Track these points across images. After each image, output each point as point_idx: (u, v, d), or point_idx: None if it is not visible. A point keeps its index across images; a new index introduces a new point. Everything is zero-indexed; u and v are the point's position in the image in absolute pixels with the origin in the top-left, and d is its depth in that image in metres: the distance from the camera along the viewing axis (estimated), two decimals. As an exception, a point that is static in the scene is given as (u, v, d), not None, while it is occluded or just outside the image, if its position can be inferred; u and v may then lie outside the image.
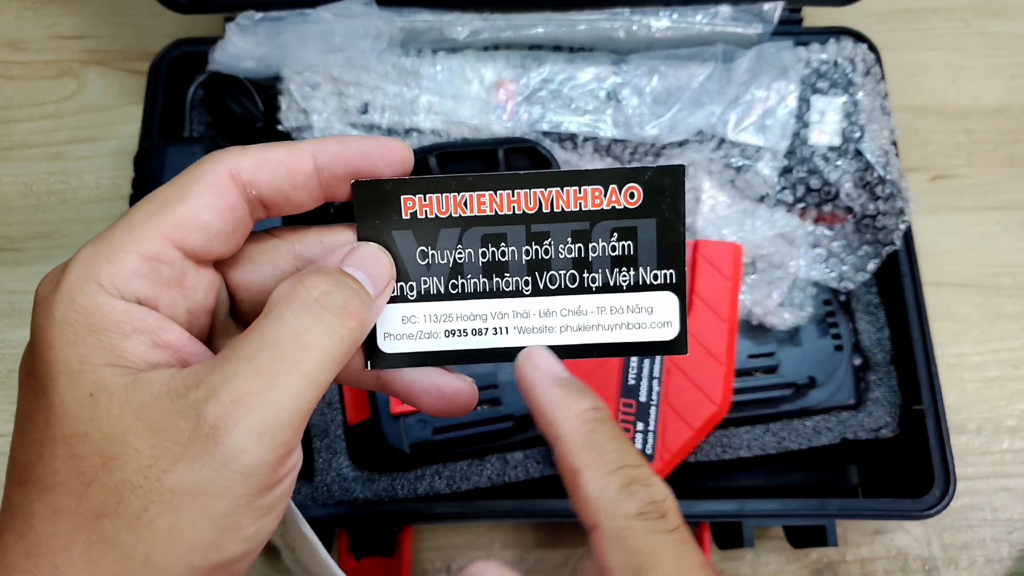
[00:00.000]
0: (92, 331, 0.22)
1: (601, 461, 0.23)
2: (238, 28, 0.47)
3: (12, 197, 0.54)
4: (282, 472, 0.22)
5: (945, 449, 0.43)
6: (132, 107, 0.56)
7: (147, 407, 0.21)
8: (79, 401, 0.21)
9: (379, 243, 0.26)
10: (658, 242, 0.26)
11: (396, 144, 0.25)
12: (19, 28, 0.58)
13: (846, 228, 0.48)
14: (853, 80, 0.48)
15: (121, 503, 0.20)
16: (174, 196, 0.23)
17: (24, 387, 0.23)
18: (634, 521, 0.22)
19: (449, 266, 0.26)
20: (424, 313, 0.26)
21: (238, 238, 0.25)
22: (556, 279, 0.26)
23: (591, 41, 0.49)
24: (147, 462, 0.21)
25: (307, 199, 0.25)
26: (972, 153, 0.56)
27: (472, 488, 0.43)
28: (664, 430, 0.40)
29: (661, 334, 0.26)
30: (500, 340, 0.26)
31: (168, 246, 0.23)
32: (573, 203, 0.25)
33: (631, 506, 0.22)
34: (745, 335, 0.46)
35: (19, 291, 0.52)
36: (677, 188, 0.25)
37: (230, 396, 0.21)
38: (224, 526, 0.21)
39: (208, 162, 0.24)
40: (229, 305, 0.26)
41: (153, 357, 0.22)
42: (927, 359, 0.45)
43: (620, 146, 0.47)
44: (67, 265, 0.22)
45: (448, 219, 0.25)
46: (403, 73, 0.48)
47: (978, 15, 0.59)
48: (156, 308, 0.23)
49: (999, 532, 0.47)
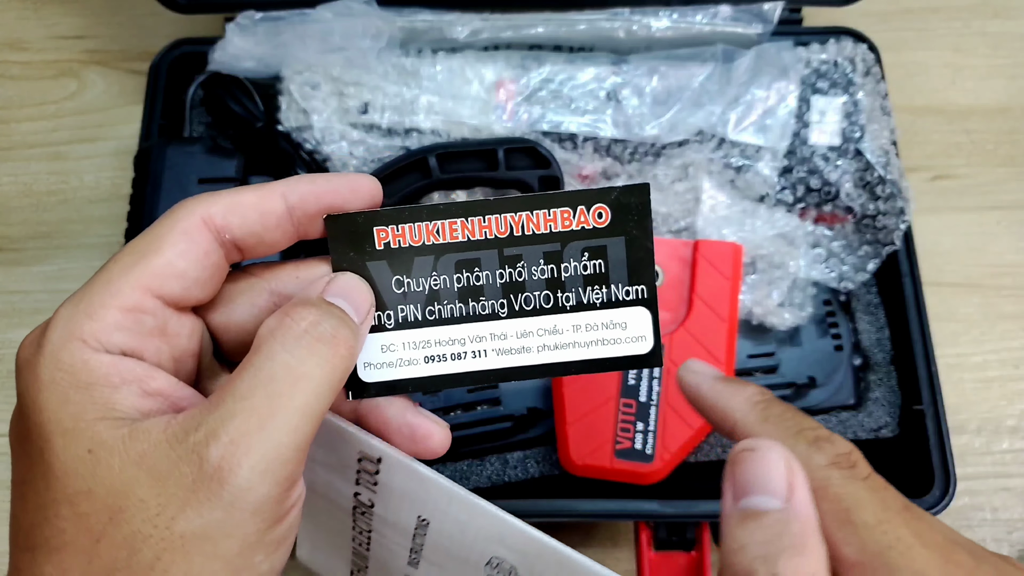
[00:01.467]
0: (81, 388, 0.22)
1: (781, 429, 0.24)
2: (238, 28, 0.47)
3: (12, 197, 0.54)
4: (288, 504, 0.22)
5: (945, 449, 0.43)
6: (132, 107, 0.56)
7: (147, 456, 0.21)
8: (78, 459, 0.21)
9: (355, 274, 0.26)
10: (628, 259, 0.26)
11: (364, 179, 0.26)
12: (19, 28, 0.58)
13: (846, 228, 0.48)
14: (853, 80, 0.48)
15: (133, 555, 0.20)
16: (148, 247, 0.23)
17: (17, 452, 0.23)
18: (830, 470, 0.22)
19: (425, 293, 0.26)
20: (403, 341, 0.26)
21: (215, 282, 0.25)
22: (531, 300, 0.26)
23: (591, 41, 0.49)
24: (155, 511, 0.20)
25: (280, 239, 0.25)
26: (972, 153, 0.56)
27: (472, 488, 0.43)
28: (664, 430, 0.40)
29: (636, 348, 0.27)
30: (479, 363, 0.26)
31: (147, 296, 0.23)
32: (543, 225, 0.26)
33: (822, 458, 0.22)
34: (745, 335, 0.46)
35: (19, 291, 0.52)
36: (644, 206, 0.26)
37: (230, 436, 0.21)
38: (238, 565, 0.21)
39: (180, 210, 0.24)
40: (213, 347, 0.26)
41: (145, 406, 0.22)
42: (927, 359, 0.45)
43: (620, 146, 0.47)
44: (47, 325, 0.22)
45: (421, 247, 0.26)
46: (403, 73, 0.48)
47: (978, 15, 0.59)
48: (142, 358, 0.23)
49: (999, 532, 0.47)
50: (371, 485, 0.26)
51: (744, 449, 0.22)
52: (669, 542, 0.42)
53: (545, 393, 0.45)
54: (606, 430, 0.41)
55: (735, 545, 0.21)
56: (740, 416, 0.25)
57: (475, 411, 0.44)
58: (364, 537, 0.29)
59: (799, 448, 0.23)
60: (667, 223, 0.47)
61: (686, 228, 0.47)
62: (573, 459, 0.41)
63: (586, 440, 0.41)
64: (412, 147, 0.47)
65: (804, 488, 0.21)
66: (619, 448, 0.40)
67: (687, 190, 0.47)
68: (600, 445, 0.40)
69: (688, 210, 0.46)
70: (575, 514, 0.42)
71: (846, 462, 0.22)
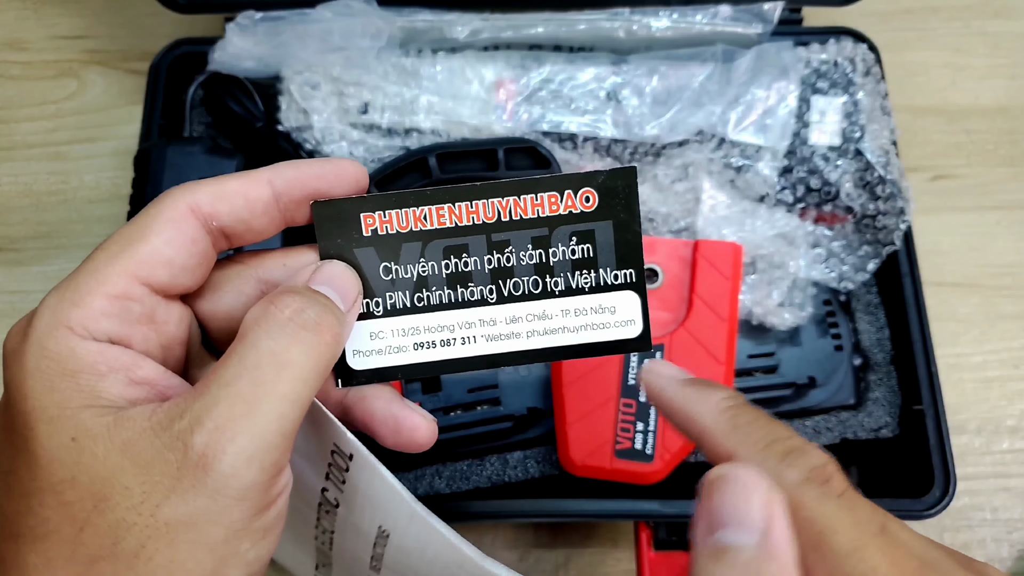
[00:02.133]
0: (67, 375, 0.22)
1: (750, 440, 0.22)
2: (238, 28, 0.47)
3: (12, 197, 0.54)
4: (274, 492, 0.22)
5: (945, 449, 0.43)
6: (132, 107, 0.56)
7: (132, 444, 0.21)
8: (62, 447, 0.21)
9: (342, 261, 0.26)
10: (616, 243, 0.26)
11: (350, 164, 0.26)
12: (19, 28, 0.58)
13: (846, 228, 0.48)
14: (853, 80, 0.48)
15: (117, 543, 0.20)
16: (135, 235, 0.23)
17: (2, 442, 0.22)
18: (803, 488, 0.21)
19: (413, 280, 0.26)
20: (392, 328, 0.26)
21: (203, 270, 0.25)
22: (520, 285, 0.26)
23: (591, 41, 0.49)
24: (139, 499, 0.20)
25: (267, 226, 0.25)
26: (972, 153, 0.56)
27: (472, 488, 0.43)
28: (664, 430, 0.40)
29: (625, 332, 0.26)
30: (469, 349, 0.26)
31: (134, 284, 0.23)
32: (531, 210, 0.26)
33: (794, 475, 0.21)
34: (745, 335, 0.46)
35: (19, 291, 0.52)
36: (630, 189, 0.26)
37: (214, 423, 0.21)
38: (224, 553, 0.21)
39: (167, 198, 0.24)
40: (201, 335, 0.26)
41: (131, 394, 0.22)
42: (927, 359, 0.45)
43: (620, 146, 0.47)
44: (34, 314, 0.22)
45: (409, 233, 0.26)
46: (403, 73, 0.48)
47: (978, 15, 0.59)
48: (129, 346, 0.23)
49: (999, 532, 0.47)
50: (339, 483, 0.26)
51: (719, 477, 0.21)
52: (669, 542, 0.42)
53: (545, 393, 0.45)
54: (606, 430, 0.41)
55: None
56: (709, 423, 0.23)
57: (475, 411, 0.44)
58: (327, 537, 0.29)
59: (769, 463, 0.21)
60: (667, 223, 0.47)
61: (686, 228, 0.47)
62: (573, 459, 0.41)
63: (586, 440, 0.41)
64: (412, 147, 0.47)
65: (783, 523, 0.20)
66: (619, 448, 0.40)
67: (687, 190, 0.47)
68: (600, 445, 0.40)
69: (688, 210, 0.46)
70: (575, 514, 0.42)
71: (820, 476, 0.21)
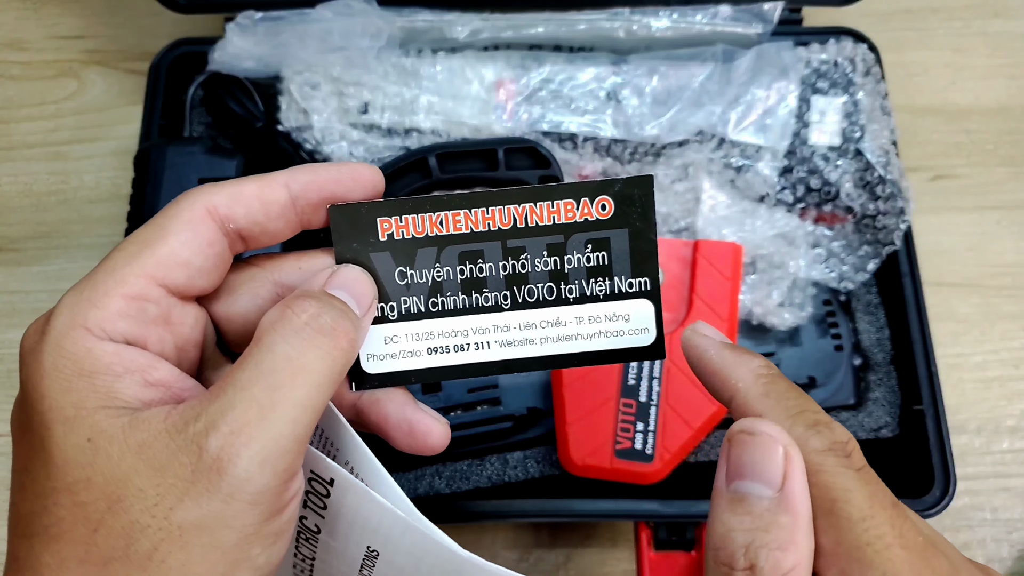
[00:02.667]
0: (84, 376, 0.22)
1: (781, 407, 0.23)
2: (238, 28, 0.47)
3: (12, 197, 0.54)
4: (287, 497, 0.22)
5: (945, 449, 0.43)
6: (132, 107, 0.56)
7: (147, 446, 0.21)
8: (78, 448, 0.21)
9: (358, 265, 0.26)
10: (631, 251, 0.26)
11: (367, 168, 0.26)
12: (19, 28, 0.58)
13: (846, 228, 0.48)
14: (853, 80, 0.48)
15: (130, 545, 0.20)
16: (153, 236, 0.23)
17: (18, 440, 0.23)
18: (824, 456, 0.22)
19: (428, 285, 0.26)
20: (406, 332, 0.26)
21: (219, 272, 0.25)
22: (534, 292, 0.26)
23: (591, 41, 0.49)
24: (153, 501, 0.20)
25: (284, 229, 0.25)
26: (972, 153, 0.56)
27: (472, 488, 0.43)
28: (664, 430, 0.40)
29: (639, 340, 0.27)
30: (482, 355, 0.27)
31: (151, 285, 0.23)
32: (547, 217, 0.26)
33: (819, 442, 0.22)
34: (745, 335, 0.46)
35: (19, 291, 0.52)
36: (647, 198, 0.26)
37: (229, 427, 0.21)
38: (235, 557, 0.21)
39: (184, 200, 0.24)
40: (216, 337, 0.26)
41: (147, 396, 0.22)
42: (927, 359, 0.45)
43: (620, 146, 0.47)
44: (51, 314, 0.22)
45: (425, 239, 0.26)
46: (403, 73, 0.48)
47: (978, 15, 0.59)
48: (145, 347, 0.23)
49: (999, 532, 0.47)
50: (319, 508, 0.25)
51: (743, 431, 0.22)
52: (669, 542, 0.42)
53: (545, 393, 0.45)
54: (606, 430, 0.41)
55: (721, 528, 0.21)
56: (742, 387, 0.24)
57: (475, 411, 0.44)
58: (307, 565, 0.28)
59: (797, 429, 0.22)
60: (667, 223, 0.47)
61: (686, 228, 0.47)
62: (573, 459, 0.41)
63: (586, 440, 0.41)
64: (412, 147, 0.47)
65: (800, 480, 0.21)
66: (619, 448, 0.40)
67: (687, 190, 0.47)
68: (600, 445, 0.40)
69: (688, 210, 0.46)
70: (575, 514, 0.42)
71: (842, 450, 0.22)
